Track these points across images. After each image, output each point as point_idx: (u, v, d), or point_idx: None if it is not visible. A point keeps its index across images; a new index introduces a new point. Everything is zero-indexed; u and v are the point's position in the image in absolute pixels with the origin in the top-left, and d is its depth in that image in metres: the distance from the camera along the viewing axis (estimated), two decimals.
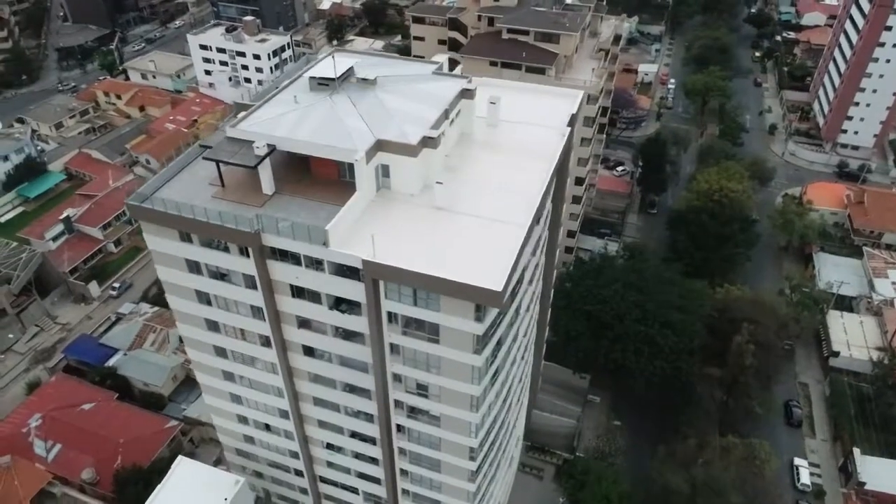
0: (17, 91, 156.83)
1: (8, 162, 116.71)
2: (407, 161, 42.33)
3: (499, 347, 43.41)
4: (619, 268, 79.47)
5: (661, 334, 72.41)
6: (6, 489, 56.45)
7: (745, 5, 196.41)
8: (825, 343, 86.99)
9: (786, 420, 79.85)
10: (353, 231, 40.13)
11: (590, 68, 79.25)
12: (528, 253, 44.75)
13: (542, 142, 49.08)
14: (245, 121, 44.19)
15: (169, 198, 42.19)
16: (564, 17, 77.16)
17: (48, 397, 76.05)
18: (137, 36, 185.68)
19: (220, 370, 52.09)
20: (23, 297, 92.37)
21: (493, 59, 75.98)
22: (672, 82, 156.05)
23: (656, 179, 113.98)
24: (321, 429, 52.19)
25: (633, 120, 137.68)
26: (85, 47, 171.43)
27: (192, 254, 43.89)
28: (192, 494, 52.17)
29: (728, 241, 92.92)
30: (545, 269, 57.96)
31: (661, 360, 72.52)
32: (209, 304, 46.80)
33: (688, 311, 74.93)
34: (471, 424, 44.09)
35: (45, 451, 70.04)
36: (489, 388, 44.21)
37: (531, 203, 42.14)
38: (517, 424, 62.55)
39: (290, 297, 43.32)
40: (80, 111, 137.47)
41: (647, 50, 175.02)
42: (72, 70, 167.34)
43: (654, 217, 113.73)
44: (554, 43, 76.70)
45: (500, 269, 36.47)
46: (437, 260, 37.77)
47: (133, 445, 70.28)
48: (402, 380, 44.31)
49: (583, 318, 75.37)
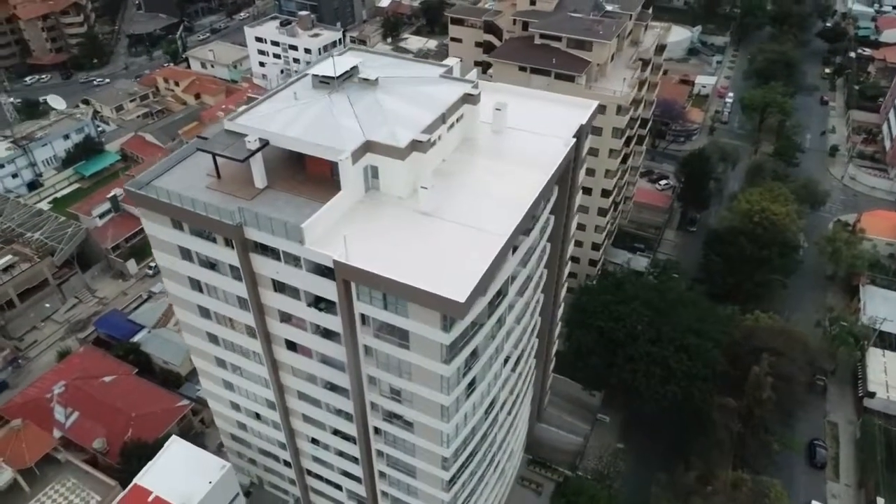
0: (88, 74, 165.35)
1: (68, 140, 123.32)
2: (395, 164, 42.12)
3: (475, 359, 42.64)
4: (639, 285, 76.87)
5: (674, 358, 69.62)
6: (14, 451, 59.60)
7: (820, 19, 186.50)
8: (861, 382, 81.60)
9: (808, 460, 75.25)
10: (334, 230, 40.19)
11: (626, 77, 76.89)
12: (514, 263, 43.78)
13: (545, 151, 47.92)
14: (243, 115, 45.02)
15: (165, 186, 43.47)
16: (599, 25, 75.10)
17: (74, 367, 79.80)
18: (203, 26, 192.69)
19: (214, 356, 53.36)
20: (65, 269, 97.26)
21: (523, 65, 74.77)
22: (730, 96, 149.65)
23: (698, 196, 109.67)
24: (306, 423, 52.71)
25: (681, 133, 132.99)
26: (153, 35, 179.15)
27: (183, 241, 45.06)
28: (180, 474, 53.60)
29: (764, 265, 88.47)
30: (546, 281, 56.65)
31: (672, 384, 69.72)
32: (201, 292, 47.97)
33: (706, 336, 71.69)
34: (442, 434, 43.49)
35: (64, 418, 73.55)
36: (463, 399, 43.50)
37: (517, 213, 41.15)
38: (511, 438, 61.35)
39: (272, 292, 43.87)
40: (139, 96, 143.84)
41: (708, 61, 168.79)
42: (140, 56, 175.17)
43: (693, 235, 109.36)
44: (586, 50, 74.80)
45: (468, 280, 35.74)
46: (409, 265, 37.38)
47: (144, 420, 72.86)
48: (376, 382, 44.16)
49: (595, 334, 73.31)
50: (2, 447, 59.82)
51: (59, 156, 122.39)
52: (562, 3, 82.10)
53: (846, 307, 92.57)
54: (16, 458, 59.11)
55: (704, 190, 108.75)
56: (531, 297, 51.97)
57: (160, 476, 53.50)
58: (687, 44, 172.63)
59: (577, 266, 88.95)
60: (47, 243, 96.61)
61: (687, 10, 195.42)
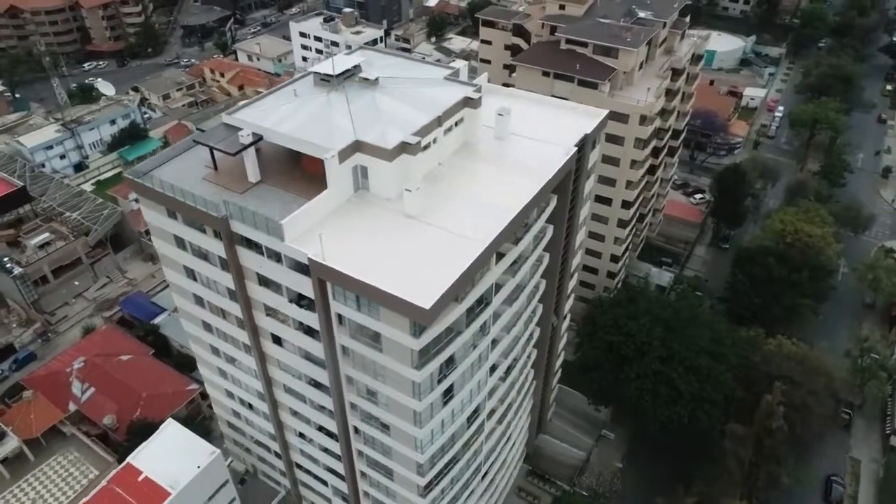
0: (142, 62, 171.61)
1: (115, 125, 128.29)
2: (383, 165, 41.94)
3: (451, 366, 42.09)
4: (652, 300, 74.45)
5: (683, 378, 67.18)
6: (23, 421, 62.31)
7: (886, 33, 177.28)
8: (890, 419, 77.12)
9: (823, 497, 71.53)
10: (317, 228, 40.20)
11: (653, 86, 74.63)
12: (499, 272, 43.04)
13: (544, 159, 46.91)
14: (242, 110, 45.67)
15: (164, 175, 44.49)
16: (627, 32, 73.04)
17: (95, 344, 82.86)
18: (255, 19, 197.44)
19: (209, 344, 54.40)
20: (98, 249, 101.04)
21: (546, 70, 73.48)
22: (780, 110, 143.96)
23: (732, 212, 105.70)
24: (294, 417, 53.17)
25: (722, 146, 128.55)
26: (206, 27, 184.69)
27: (177, 230, 46.02)
28: (171, 456, 54.89)
29: (794, 288, 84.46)
30: (546, 291, 55.54)
31: (679, 406, 67.33)
32: (195, 280, 48.93)
33: (720, 358, 68.93)
34: (416, 439, 43.11)
35: (80, 392, 76.40)
36: (439, 406, 43.00)
37: (501, 221, 40.37)
38: (504, 447, 60.45)
39: (258, 285, 44.35)
40: (186, 85, 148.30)
41: (760, 73, 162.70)
42: (192, 47, 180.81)
43: (725, 253, 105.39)
44: (612, 58, 72.89)
45: (437, 286, 35.24)
46: (383, 267, 37.15)
47: (154, 400, 75.00)
48: (353, 383, 44.12)
49: (602, 348, 71.48)
50: (12, 417, 62.68)
51: (104, 140, 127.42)
52: (592, 9, 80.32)
53: (882, 339, 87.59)
54: (23, 428, 61.77)
55: (739, 206, 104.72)
56: (524, 307, 51.01)
57: (152, 457, 54.91)
58: (739, 54, 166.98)
59: (594, 277, 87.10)
60: (84, 223, 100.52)
61: (743, 18, 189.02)
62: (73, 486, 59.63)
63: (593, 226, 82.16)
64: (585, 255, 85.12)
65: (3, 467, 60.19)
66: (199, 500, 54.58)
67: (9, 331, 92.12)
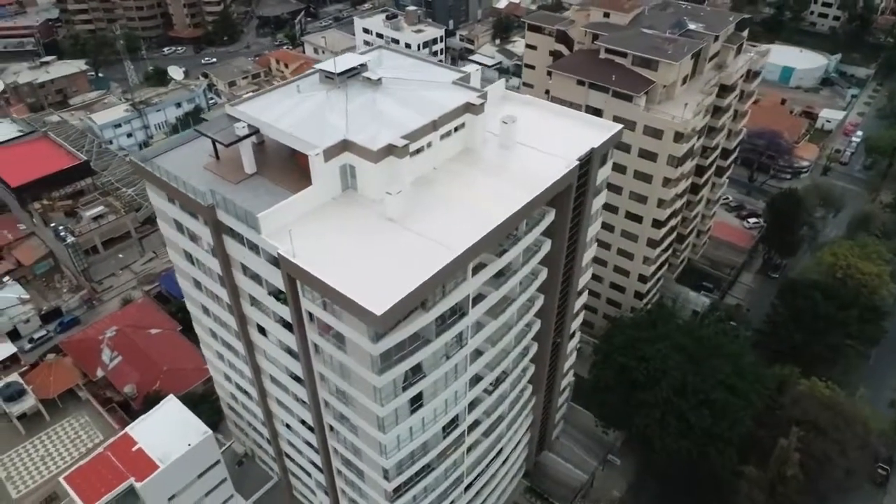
0: (216, 49, 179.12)
1: (180, 108, 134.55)
2: (368, 166, 41.74)
3: (419, 374, 41.43)
4: (673, 325, 70.89)
5: (694, 412, 63.74)
6: (42, 381, 66.23)
7: None
8: None
9: None
10: (296, 224, 40.46)
11: (693, 102, 71.11)
12: (478, 282, 41.96)
13: (544, 172, 45.42)
14: (246, 102, 46.59)
15: (171, 161, 46.06)
16: (671, 44, 69.74)
17: (129, 315, 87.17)
18: (328, 13, 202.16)
19: (208, 328, 55.95)
20: (147, 225, 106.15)
21: (581, 79, 71.29)
22: (858, 135, 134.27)
23: (785, 240, 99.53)
24: (280, 407, 53.93)
25: (786, 169, 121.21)
26: (280, 18, 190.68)
27: (176, 215, 47.47)
28: (166, 431, 56.51)
29: (839, 328, 78.63)
30: (545, 307, 53.92)
31: (689, 440, 63.97)
32: (192, 264, 50.39)
33: (739, 394, 64.91)
34: (380, 444, 42.70)
35: (108, 360, 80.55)
36: (406, 413, 42.44)
37: (480, 231, 39.34)
38: (495, 462, 59.23)
39: (242, 274, 45.14)
40: (252, 74, 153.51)
41: (842, 94, 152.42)
42: (265, 37, 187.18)
43: (774, 283, 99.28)
44: (652, 70, 69.84)
45: (395, 292, 34.69)
46: (350, 269, 36.98)
47: (173, 374, 78.08)
48: (325, 380, 44.21)
49: (615, 370, 68.81)
50: (33, 377, 66.78)
51: (169, 121, 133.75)
52: (638, 19, 77.23)
53: None
54: (42, 388, 65.64)
55: (793, 234, 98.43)
56: (514, 321, 49.64)
57: (149, 430, 56.82)
58: (821, 72, 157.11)
59: (621, 296, 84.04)
60: (136, 199, 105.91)
61: (830, 35, 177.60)
62: (78, 449, 62.92)
63: (622, 242, 79.42)
64: (613, 272, 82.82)
65: (20, 424, 64.22)
66: (187, 476, 56.07)
67: (59, 295, 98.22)
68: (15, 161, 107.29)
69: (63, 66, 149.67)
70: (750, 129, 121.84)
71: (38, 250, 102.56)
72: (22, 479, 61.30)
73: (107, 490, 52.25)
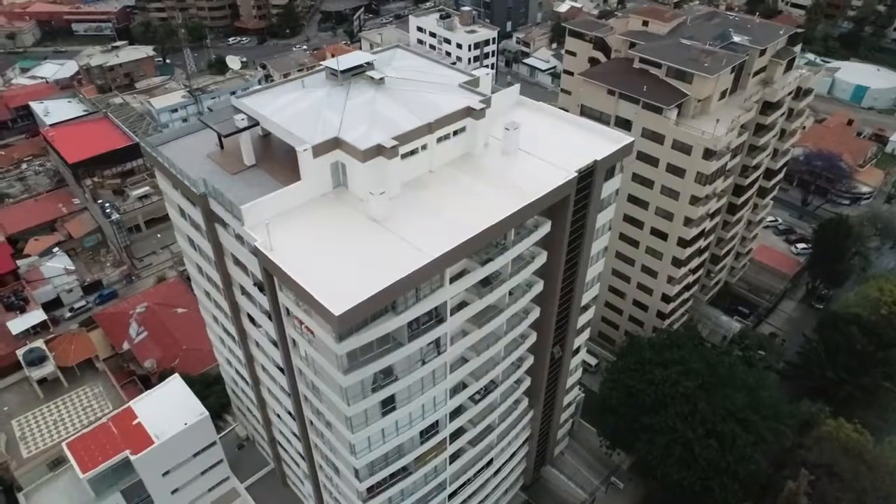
0: (278, 41, 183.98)
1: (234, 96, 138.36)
2: (357, 165, 41.67)
3: (389, 378, 41.10)
4: (687, 349, 67.77)
5: (701, 443, 60.85)
6: (64, 350, 69.64)
7: None
8: None
9: None
10: (284, 218, 40.86)
11: (728, 118, 67.82)
12: (456, 290, 41.27)
13: (541, 181, 44.26)
14: (250, 95, 47.40)
15: (179, 147, 47.45)
16: (708, 56, 66.60)
17: (159, 293, 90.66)
18: (389, 10, 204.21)
19: (210, 312, 57.39)
20: None
21: (611, 88, 69.13)
22: None
23: (832, 269, 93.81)
24: (270, 396, 54.76)
25: (845, 194, 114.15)
26: (342, 13, 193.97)
27: (179, 201, 48.82)
28: (166, 408, 58.57)
29: (877, 367, 73.58)
30: (542, 320, 52.63)
31: (692, 471, 61.12)
32: (195, 250, 51.74)
33: (751, 428, 61.53)
34: (350, 443, 42.64)
35: (135, 334, 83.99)
36: (377, 415, 42.16)
37: (458, 238, 38.65)
38: (485, 473, 58.32)
39: (233, 264, 46.00)
40: (307, 66, 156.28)
41: None
42: (326, 31, 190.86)
43: (817, 314, 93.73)
44: (687, 82, 66.98)
45: (358, 294, 34.48)
46: (322, 267, 37.05)
47: (192, 354, 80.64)
48: (303, 375, 44.48)
49: (623, 391, 66.54)
50: (56, 344, 70.28)
51: None
52: (679, 28, 74.20)
53: None
54: (63, 356, 69.06)
55: (841, 263, 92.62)
56: (503, 331, 48.60)
57: (150, 405, 58.96)
58: None
59: (644, 314, 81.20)
60: None
61: None
62: (88, 417, 65.91)
63: (646, 259, 76.78)
64: (637, 289, 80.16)
65: (40, 388, 67.82)
66: (182, 454, 57.83)
67: (102, 269, 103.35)
68: (75, 138, 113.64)
69: (132, 51, 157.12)
70: (809, 149, 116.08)
71: (88, 224, 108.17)
72: (34, 440, 64.89)
73: (103, 459, 54.47)
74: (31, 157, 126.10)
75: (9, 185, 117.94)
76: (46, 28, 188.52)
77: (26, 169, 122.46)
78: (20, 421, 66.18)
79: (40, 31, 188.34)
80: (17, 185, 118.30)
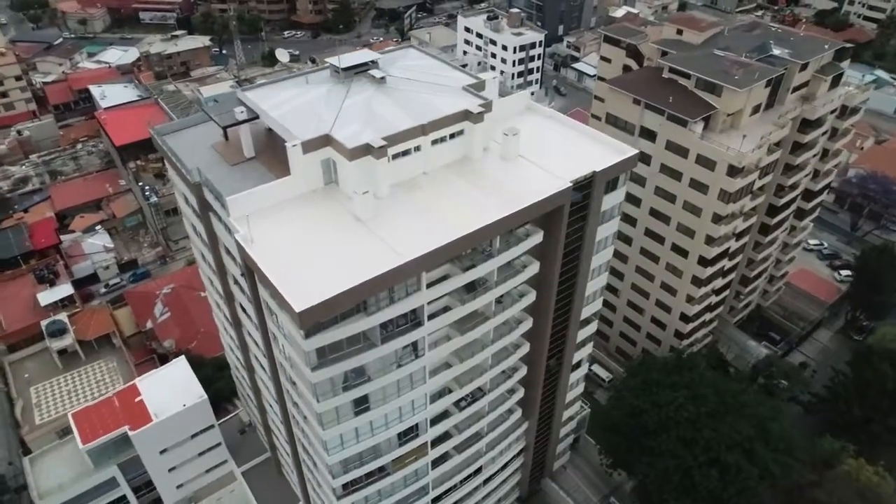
0: (332, 37, 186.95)
1: None
2: (345, 163, 41.75)
3: (361, 378, 40.97)
4: (700, 373, 65.02)
5: (700, 471, 58.40)
6: (84, 324, 72.65)
7: None
8: None
9: None
10: (270, 211, 41.38)
11: (757, 135, 64.75)
12: (434, 294, 40.85)
13: (535, 190, 43.33)
14: (255, 89, 48.21)
15: (186, 137, 48.76)
16: (740, 68, 63.68)
17: (187, 276, 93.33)
18: (443, 9, 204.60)
19: (213, 298, 58.68)
20: None
21: (636, 97, 67.02)
22: None
23: (875, 300, 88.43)
24: (262, 384, 55.59)
25: None
26: (396, 11, 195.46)
27: (182, 189, 50.09)
28: (168, 388, 60.21)
29: None
30: (536, 331, 51.56)
31: (690, 499, 58.75)
32: (197, 237, 53.01)
33: (756, 460, 58.65)
34: (322, 439, 42.79)
35: (159, 314, 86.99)
36: (349, 414, 42.15)
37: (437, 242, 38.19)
38: (473, 480, 57.64)
39: (225, 253, 46.86)
40: None
41: None
42: (379, 28, 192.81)
43: (855, 346, 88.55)
44: (716, 95, 64.27)
45: (324, 293, 34.49)
46: (298, 262, 37.34)
47: (209, 337, 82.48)
48: (283, 368, 44.90)
49: (626, 410, 64.53)
50: (77, 319, 73.44)
51: None
52: (715, 38, 71.24)
53: None
54: (82, 329, 72.09)
55: (884, 294, 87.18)
56: (489, 340, 47.81)
57: (154, 384, 60.77)
58: None
59: (661, 332, 78.57)
60: None
61: None
62: (100, 390, 68.61)
63: (666, 276, 74.35)
64: (655, 306, 77.71)
65: (59, 359, 71.02)
66: (179, 435, 59.39)
67: (140, 248, 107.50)
68: (125, 122, 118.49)
69: (190, 40, 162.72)
70: (864, 170, 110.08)
71: (131, 205, 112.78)
72: (48, 408, 68.11)
73: (104, 432, 56.53)
74: (87, 138, 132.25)
75: (63, 163, 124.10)
76: (116, 15, 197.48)
77: (80, 149, 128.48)
78: (38, 389, 69.66)
79: (110, 18, 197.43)
80: (71, 163, 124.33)
